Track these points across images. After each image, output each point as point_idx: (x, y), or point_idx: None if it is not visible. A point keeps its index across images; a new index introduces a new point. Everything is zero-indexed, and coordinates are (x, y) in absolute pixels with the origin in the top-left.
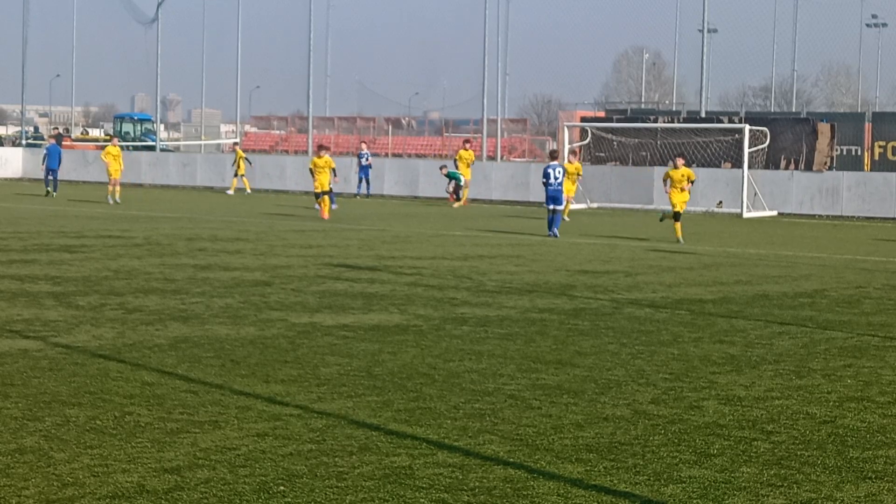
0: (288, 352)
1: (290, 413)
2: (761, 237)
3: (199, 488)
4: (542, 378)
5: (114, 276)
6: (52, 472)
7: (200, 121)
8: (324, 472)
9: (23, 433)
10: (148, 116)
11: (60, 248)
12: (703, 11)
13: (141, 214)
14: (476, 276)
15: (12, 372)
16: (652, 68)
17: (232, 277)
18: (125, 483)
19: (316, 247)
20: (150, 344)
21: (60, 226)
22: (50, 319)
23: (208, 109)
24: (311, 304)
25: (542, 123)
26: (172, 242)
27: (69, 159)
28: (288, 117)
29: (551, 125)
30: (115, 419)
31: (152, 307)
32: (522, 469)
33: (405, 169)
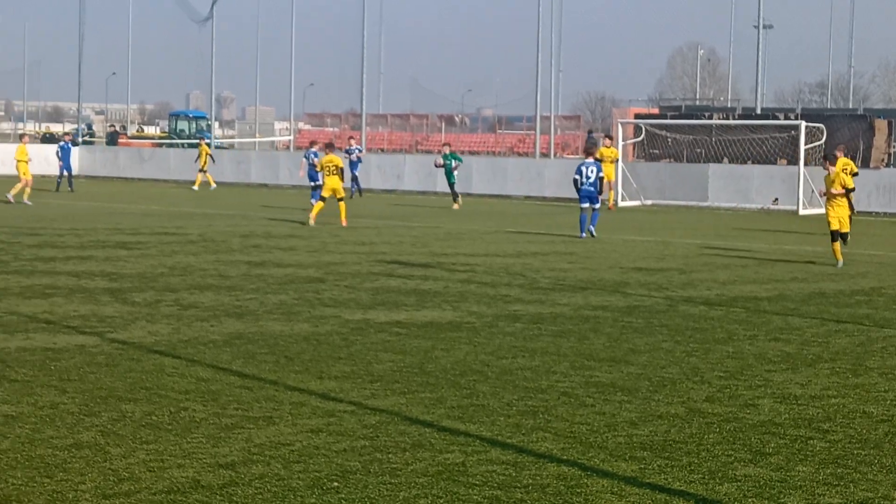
0: (341, 348)
1: (344, 409)
2: (817, 234)
3: (254, 484)
4: (595, 375)
5: (169, 273)
6: (108, 466)
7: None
8: (377, 468)
9: (79, 428)
10: (203, 114)
11: (116, 244)
12: (759, 7)
13: (196, 212)
14: (529, 274)
15: (69, 367)
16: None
17: (286, 274)
18: (180, 478)
19: (369, 244)
20: (205, 340)
21: (116, 223)
22: (106, 315)
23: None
24: (364, 300)
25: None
26: (227, 239)
27: (125, 157)
28: (341, 114)
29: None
30: (171, 415)
31: (207, 303)
32: (576, 466)
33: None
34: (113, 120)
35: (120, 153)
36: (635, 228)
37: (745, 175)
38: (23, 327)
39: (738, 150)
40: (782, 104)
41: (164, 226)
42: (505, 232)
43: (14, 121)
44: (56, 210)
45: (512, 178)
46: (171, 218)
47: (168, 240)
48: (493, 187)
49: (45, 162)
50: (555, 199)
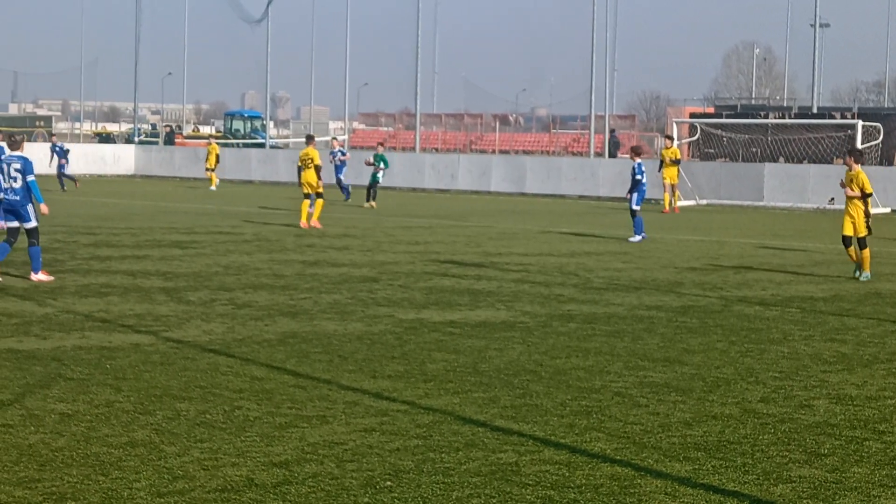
0: (395, 348)
1: (397, 409)
2: (874, 234)
3: (307, 482)
4: (649, 376)
5: (224, 272)
6: (162, 465)
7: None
8: (430, 467)
9: (134, 426)
10: (258, 114)
11: (172, 244)
12: (815, 6)
13: (251, 211)
14: (583, 273)
15: (124, 366)
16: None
17: (340, 273)
18: (234, 476)
19: (423, 243)
20: (260, 339)
21: (171, 222)
22: (161, 314)
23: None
24: (418, 300)
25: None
26: (281, 238)
27: (181, 156)
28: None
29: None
30: (225, 413)
31: (261, 303)
32: (629, 467)
33: (512, 165)
34: (169, 120)
35: (176, 153)
36: (690, 228)
37: (801, 174)
38: (79, 326)
39: (794, 150)
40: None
41: (218, 225)
42: (558, 232)
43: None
44: (112, 209)
45: (566, 178)
46: (225, 217)
47: (223, 239)
48: (546, 187)
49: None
50: (609, 199)
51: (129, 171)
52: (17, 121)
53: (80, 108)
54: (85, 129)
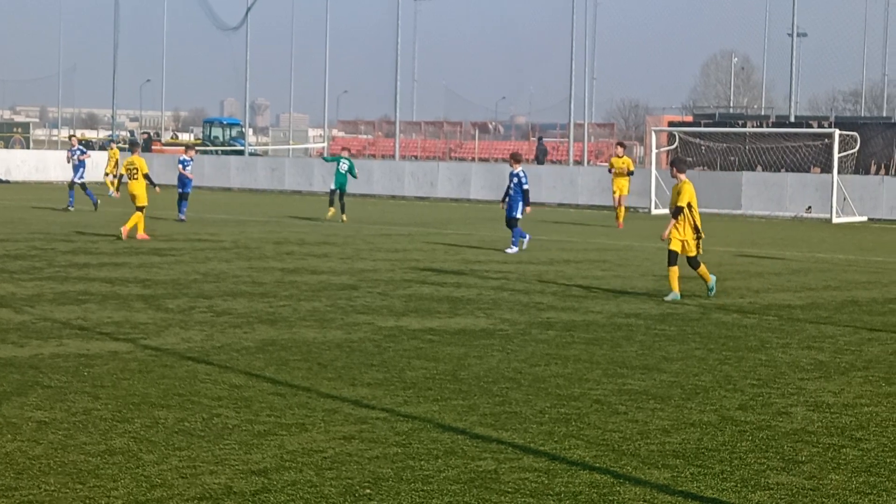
0: (374, 355)
1: (377, 416)
2: (851, 243)
3: (286, 490)
4: (628, 383)
5: (202, 280)
6: (140, 473)
7: (289, 125)
8: (409, 475)
9: (112, 434)
10: (237, 121)
11: (150, 251)
12: (793, 15)
13: (229, 218)
14: (562, 281)
15: (102, 374)
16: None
17: (319, 281)
18: (213, 485)
19: (402, 251)
20: (238, 347)
21: (150, 229)
22: (140, 322)
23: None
24: (397, 307)
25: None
26: (260, 246)
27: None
28: (375, 121)
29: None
30: (204, 421)
31: (240, 310)
32: (608, 474)
33: (491, 173)
34: (147, 126)
35: (154, 159)
36: None
37: (779, 183)
38: (56, 333)
39: (772, 158)
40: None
41: (197, 232)
42: (538, 239)
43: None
44: (90, 217)
45: (546, 186)
46: (204, 225)
47: (202, 246)
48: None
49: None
50: (588, 207)
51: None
52: None
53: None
54: (63, 135)
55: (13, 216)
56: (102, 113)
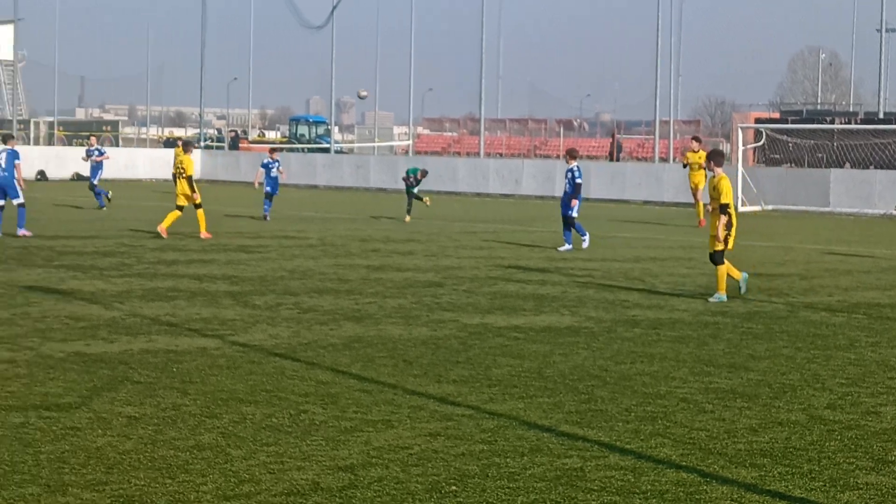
0: (460, 352)
1: (462, 413)
2: None
3: (373, 486)
4: (714, 381)
5: (289, 277)
6: (229, 468)
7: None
8: (495, 472)
9: (201, 430)
10: (322, 119)
11: (238, 248)
12: (882, 10)
13: (316, 216)
14: (648, 279)
15: (191, 370)
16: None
17: (404, 278)
18: (300, 480)
19: (487, 248)
20: (325, 343)
21: (238, 227)
22: (227, 318)
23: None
24: (482, 305)
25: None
26: (346, 243)
27: (247, 161)
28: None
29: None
30: (291, 417)
31: (327, 307)
32: (695, 473)
33: None
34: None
35: (241, 157)
36: (755, 233)
37: (868, 180)
38: (146, 329)
39: (861, 155)
40: None
41: (284, 230)
42: (623, 237)
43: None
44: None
45: (631, 183)
46: (291, 222)
47: (288, 244)
48: (611, 192)
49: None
50: (674, 204)
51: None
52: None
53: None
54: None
55: (102, 213)
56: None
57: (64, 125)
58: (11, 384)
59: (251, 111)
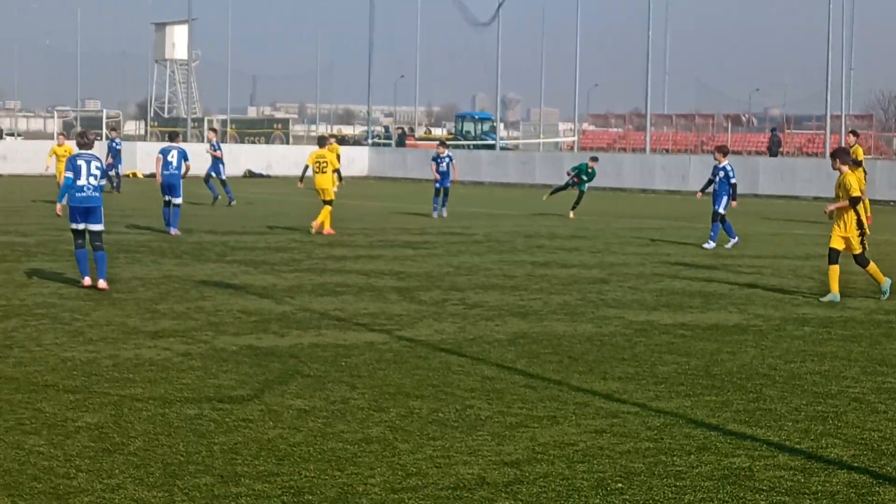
0: (625, 349)
1: (628, 410)
2: None
3: (538, 482)
4: (888, 381)
5: (455, 272)
6: (396, 461)
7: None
8: (662, 470)
9: (369, 423)
10: (488, 116)
11: (404, 244)
12: None
13: (481, 212)
14: (818, 276)
15: (359, 364)
16: None
17: (569, 275)
18: (466, 475)
19: (653, 244)
20: (490, 339)
21: (403, 223)
22: (394, 313)
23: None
24: (648, 301)
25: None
26: (511, 239)
27: (413, 158)
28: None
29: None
30: (457, 412)
31: (492, 303)
32: (867, 474)
33: (744, 166)
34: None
35: (408, 154)
36: None
37: None
38: (315, 324)
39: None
40: None
41: (450, 226)
42: (792, 234)
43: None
44: (347, 210)
45: (801, 179)
46: (457, 218)
47: (454, 240)
48: (780, 188)
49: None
50: None
51: (363, 172)
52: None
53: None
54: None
55: (274, 209)
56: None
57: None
58: (186, 376)
59: (418, 108)
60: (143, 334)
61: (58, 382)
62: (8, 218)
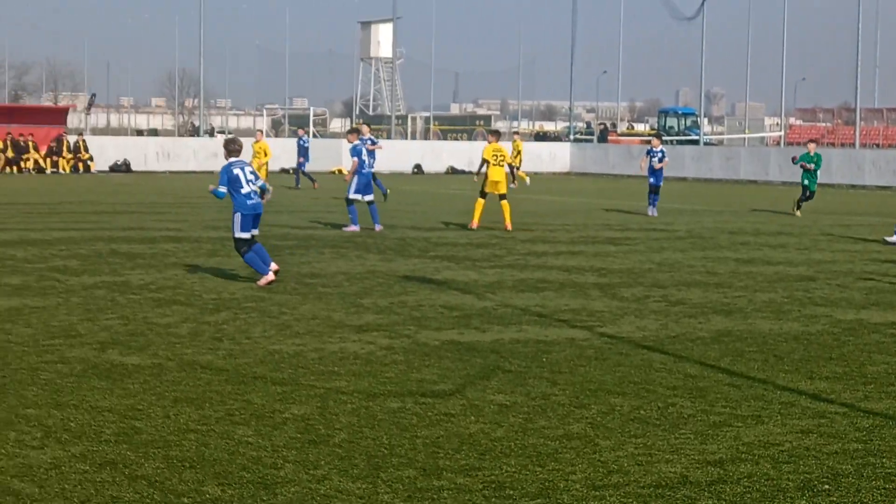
0: (833, 348)
1: (835, 411)
2: None
3: (742, 482)
4: None
5: (657, 269)
6: (597, 458)
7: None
8: (870, 472)
9: (570, 420)
10: (692, 110)
11: (605, 240)
12: None
13: (684, 208)
14: None
15: (560, 360)
16: None
17: (775, 272)
18: (668, 473)
19: (862, 242)
20: (693, 336)
21: (604, 219)
22: (595, 310)
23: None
24: (857, 300)
25: None
26: (715, 236)
27: (615, 154)
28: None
29: None
30: (659, 410)
31: (695, 300)
32: None
33: None
34: (603, 117)
35: (610, 150)
36: None
37: None
38: (516, 320)
39: None
40: None
41: (651, 222)
42: None
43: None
44: (548, 206)
45: None
46: (659, 214)
47: (656, 236)
48: None
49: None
50: None
51: (565, 168)
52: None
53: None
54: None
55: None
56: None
57: (439, 120)
58: (389, 370)
59: (620, 104)
60: (348, 328)
61: (266, 374)
62: (221, 213)
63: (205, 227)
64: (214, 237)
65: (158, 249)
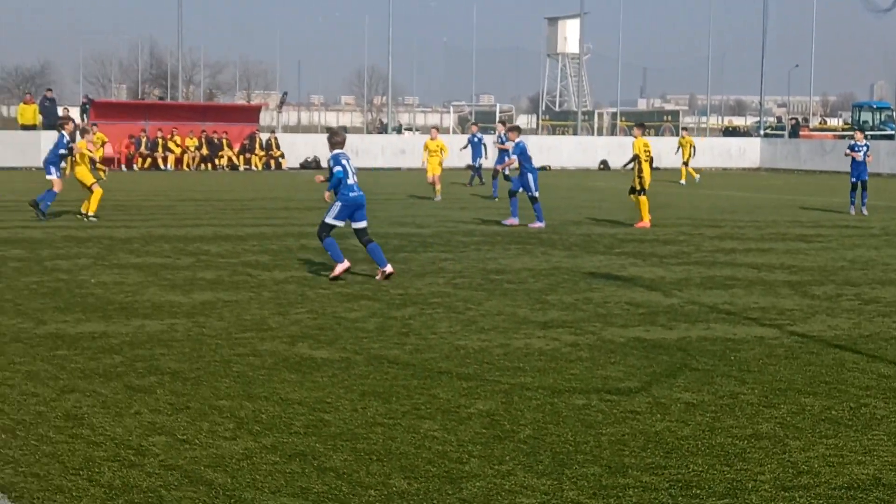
0: None
1: None
2: None
3: None
4: None
5: (850, 267)
6: (786, 458)
7: None
8: None
9: (759, 419)
10: (887, 105)
11: (796, 237)
12: None
13: (879, 204)
14: None
15: (749, 358)
16: None
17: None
18: (860, 475)
19: None
20: (887, 336)
21: (795, 216)
22: (786, 308)
23: None
24: None
25: None
26: None
27: (807, 149)
28: None
29: None
30: (851, 410)
31: (889, 298)
32: None
33: None
34: (794, 112)
35: (801, 145)
36: None
37: None
38: (704, 317)
39: None
40: None
41: (844, 219)
42: None
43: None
44: (737, 202)
45: None
46: (873, 211)
47: (849, 233)
48: None
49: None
50: None
51: (754, 164)
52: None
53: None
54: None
55: (661, 201)
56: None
57: (626, 116)
58: (574, 367)
59: (812, 98)
60: (533, 324)
61: (451, 369)
62: (406, 210)
63: (391, 223)
64: (401, 233)
65: (346, 245)
